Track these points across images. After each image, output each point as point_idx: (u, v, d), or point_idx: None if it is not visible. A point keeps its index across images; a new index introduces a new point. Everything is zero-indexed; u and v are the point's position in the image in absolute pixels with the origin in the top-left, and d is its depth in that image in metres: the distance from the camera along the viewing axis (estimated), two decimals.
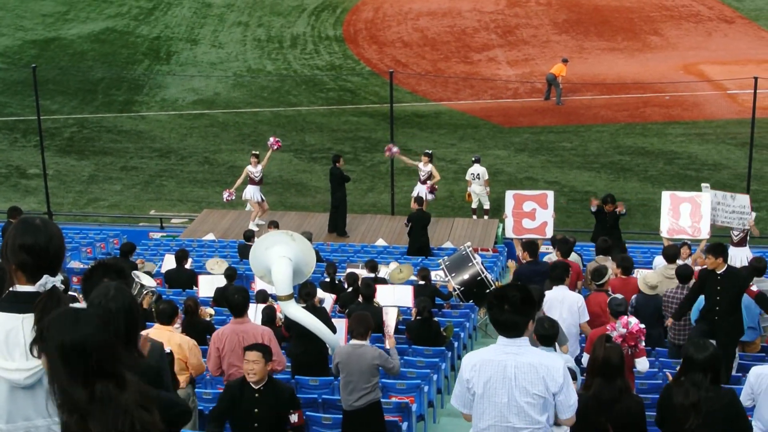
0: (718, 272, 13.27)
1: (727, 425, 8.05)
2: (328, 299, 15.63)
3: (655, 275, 14.82)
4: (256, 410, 9.15)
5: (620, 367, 8.11)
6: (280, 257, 11.91)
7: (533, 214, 20.35)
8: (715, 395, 7.82)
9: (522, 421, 6.79)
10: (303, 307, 12.78)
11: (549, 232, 20.03)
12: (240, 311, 11.30)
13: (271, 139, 26.63)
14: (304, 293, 13.50)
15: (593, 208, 21.06)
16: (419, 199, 24.22)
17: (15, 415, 5.28)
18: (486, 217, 27.59)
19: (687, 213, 19.40)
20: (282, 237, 12.32)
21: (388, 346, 11.68)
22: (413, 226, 23.44)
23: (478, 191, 27.77)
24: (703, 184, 19.60)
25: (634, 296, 14.67)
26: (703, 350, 7.88)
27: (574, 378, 8.57)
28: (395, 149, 26.37)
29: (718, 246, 13.73)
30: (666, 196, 19.94)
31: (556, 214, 20.90)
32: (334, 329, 12.97)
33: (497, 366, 6.84)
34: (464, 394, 7.04)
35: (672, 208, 19.63)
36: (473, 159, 28.34)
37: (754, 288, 13.53)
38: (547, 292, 12.87)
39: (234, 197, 26.66)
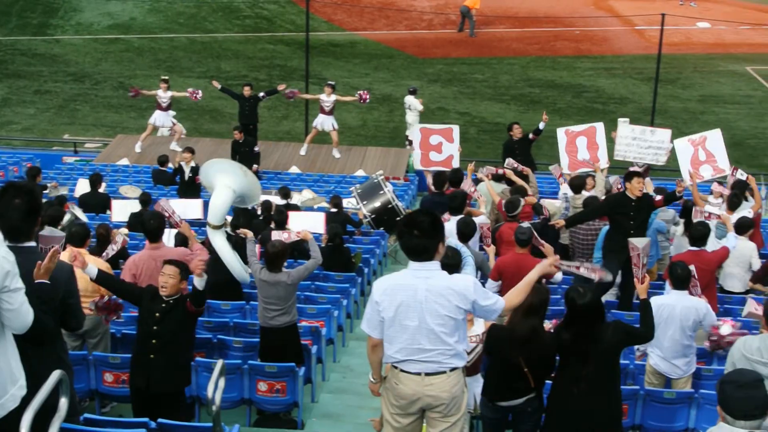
0: (634, 197, 13.51)
1: (623, 346, 8.53)
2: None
3: (554, 205, 15.18)
4: (156, 314, 9.39)
5: (539, 309, 8.30)
6: (225, 186, 12.26)
7: (440, 147, 20.90)
8: (599, 336, 8.09)
9: (431, 343, 7.02)
10: (228, 237, 13.12)
11: (455, 164, 20.47)
12: (155, 236, 11.40)
13: (190, 90, 26.43)
14: (232, 224, 13.82)
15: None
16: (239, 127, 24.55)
17: None
18: (409, 146, 27.89)
19: (584, 146, 19.86)
20: (235, 169, 12.64)
21: (307, 239, 12.09)
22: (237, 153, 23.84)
23: (410, 121, 28.06)
24: (620, 120, 19.99)
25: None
26: (584, 297, 8.08)
27: None
28: (296, 91, 26.52)
29: (638, 171, 14.08)
30: (561, 132, 20.39)
31: (461, 147, 21.39)
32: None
33: (408, 290, 7.03)
34: (374, 318, 7.23)
35: (569, 144, 20.13)
36: (409, 90, 28.52)
37: (658, 197, 13.83)
38: (446, 223, 13.21)
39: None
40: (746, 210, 15.61)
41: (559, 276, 12.50)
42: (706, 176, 18.96)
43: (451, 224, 12.89)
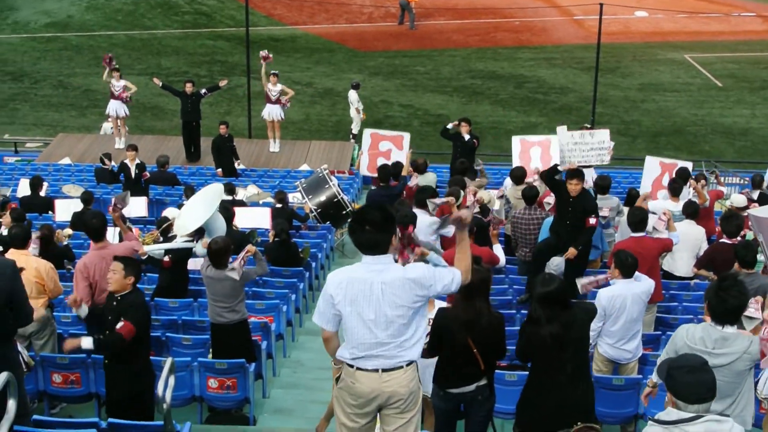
0: (573, 195, 13.63)
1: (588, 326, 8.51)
2: None
3: (486, 194, 15.27)
4: (109, 317, 9.41)
5: (479, 289, 8.27)
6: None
7: (388, 154, 20.79)
8: (572, 321, 8.11)
9: (390, 336, 7.02)
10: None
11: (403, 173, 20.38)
12: (98, 236, 11.23)
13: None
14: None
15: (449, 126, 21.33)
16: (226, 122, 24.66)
17: None
18: (353, 140, 27.82)
19: (537, 156, 19.86)
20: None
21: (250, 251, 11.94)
22: (222, 148, 23.95)
23: (353, 115, 28.00)
24: (558, 127, 20.03)
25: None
26: (550, 284, 8.12)
27: None
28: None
29: (578, 171, 14.20)
30: (516, 141, 20.37)
31: (410, 154, 21.31)
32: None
33: (363, 284, 7.01)
34: (327, 311, 7.18)
35: (522, 153, 20.15)
36: (351, 84, 28.45)
37: (592, 220, 13.88)
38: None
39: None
40: (690, 196, 15.86)
41: (502, 259, 12.62)
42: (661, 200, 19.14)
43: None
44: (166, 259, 13.20)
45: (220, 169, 24.04)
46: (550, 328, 8.05)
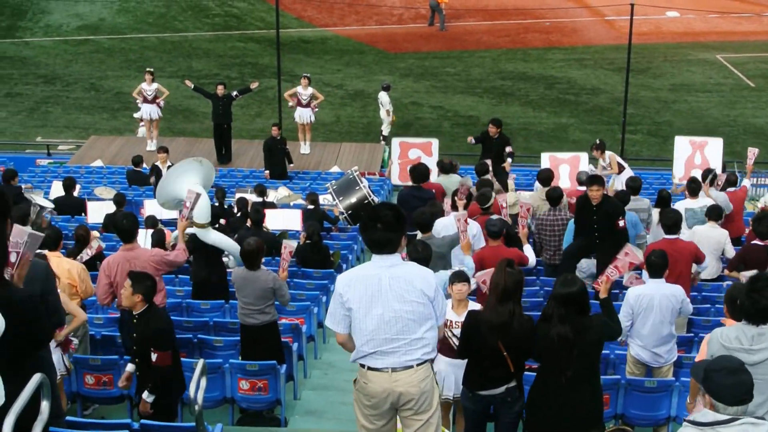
0: (594, 204, 13.66)
1: (605, 340, 8.55)
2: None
3: (513, 195, 15.28)
4: (134, 334, 9.45)
5: (514, 293, 8.28)
6: (196, 185, 12.14)
7: (418, 162, 20.82)
8: (586, 327, 8.13)
9: (399, 332, 7.05)
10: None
11: (433, 179, 20.35)
12: (129, 237, 11.09)
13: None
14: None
15: (472, 142, 21.30)
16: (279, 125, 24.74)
17: None
18: (383, 142, 27.84)
19: (566, 174, 19.85)
20: (191, 164, 12.62)
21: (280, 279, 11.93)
22: (273, 150, 23.95)
23: (383, 117, 28.02)
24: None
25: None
26: (571, 285, 8.15)
27: None
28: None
29: (597, 177, 14.17)
30: (545, 158, 20.43)
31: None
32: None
33: (372, 279, 7.07)
34: (337, 312, 7.25)
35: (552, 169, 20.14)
36: (382, 85, 28.47)
37: (621, 222, 13.80)
38: (441, 219, 13.31)
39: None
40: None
41: (532, 260, 12.62)
42: None
43: (448, 219, 13.00)
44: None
45: (267, 171, 24.05)
46: (559, 328, 8.08)
